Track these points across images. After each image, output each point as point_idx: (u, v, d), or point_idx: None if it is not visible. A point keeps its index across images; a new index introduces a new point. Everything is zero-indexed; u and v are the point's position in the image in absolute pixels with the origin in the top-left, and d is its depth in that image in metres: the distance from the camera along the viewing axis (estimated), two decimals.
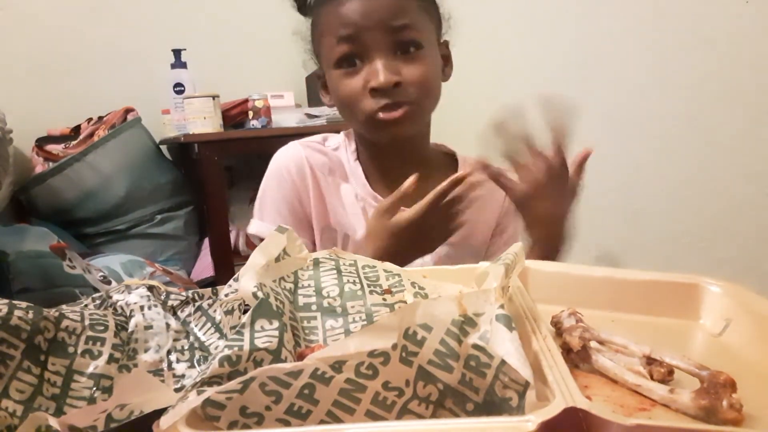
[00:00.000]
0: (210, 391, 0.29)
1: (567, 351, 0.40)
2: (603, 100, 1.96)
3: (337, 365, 0.31)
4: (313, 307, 0.44)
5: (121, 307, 0.47)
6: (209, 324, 0.47)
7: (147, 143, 1.85)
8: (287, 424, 0.31)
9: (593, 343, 0.39)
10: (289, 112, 1.84)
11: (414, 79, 0.74)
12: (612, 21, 1.95)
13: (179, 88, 1.77)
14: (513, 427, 0.27)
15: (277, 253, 0.47)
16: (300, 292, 0.46)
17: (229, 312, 0.42)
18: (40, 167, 1.75)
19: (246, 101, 1.77)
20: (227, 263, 1.68)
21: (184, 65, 1.79)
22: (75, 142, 1.76)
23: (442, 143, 0.91)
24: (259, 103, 1.74)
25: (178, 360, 0.45)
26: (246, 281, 0.39)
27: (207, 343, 0.45)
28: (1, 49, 1.83)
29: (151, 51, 1.92)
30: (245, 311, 0.40)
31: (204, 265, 1.82)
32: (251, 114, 1.75)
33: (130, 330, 0.45)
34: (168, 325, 0.46)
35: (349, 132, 0.88)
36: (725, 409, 0.31)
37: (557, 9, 1.96)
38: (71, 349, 0.42)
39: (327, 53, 0.77)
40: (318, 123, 1.72)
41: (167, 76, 1.78)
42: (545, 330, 0.38)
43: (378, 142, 0.81)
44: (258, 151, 1.81)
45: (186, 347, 0.46)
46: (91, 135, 1.76)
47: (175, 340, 0.46)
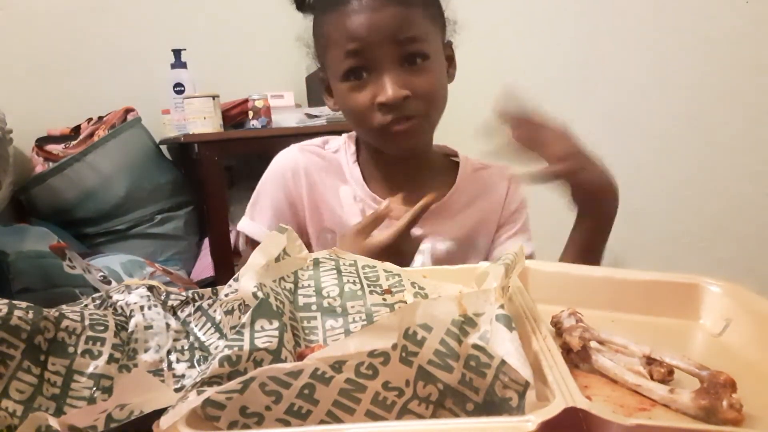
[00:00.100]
0: (210, 391, 0.29)
1: (567, 351, 0.40)
2: (603, 100, 1.96)
3: (337, 365, 0.31)
4: (313, 307, 0.44)
5: (121, 307, 0.47)
6: (209, 324, 0.47)
7: (147, 143, 1.85)
8: (287, 424, 0.31)
9: (593, 343, 0.39)
10: (289, 112, 1.84)
11: (422, 92, 0.73)
12: (612, 21, 1.95)
13: (179, 88, 1.77)
14: (513, 427, 0.27)
15: (277, 253, 0.47)
16: (300, 292, 0.46)
17: (229, 312, 0.42)
18: (40, 167, 1.75)
19: (246, 101, 1.77)
20: (227, 263, 1.68)
21: (184, 65, 1.79)
22: (75, 142, 1.76)
23: (443, 144, 0.90)
24: (259, 103, 1.74)
25: (178, 360, 0.45)
26: (246, 281, 0.39)
27: (207, 343, 0.45)
28: (1, 49, 1.82)
29: (151, 51, 1.92)
30: (245, 311, 0.40)
31: (204, 265, 1.82)
32: (251, 114, 1.75)
33: (130, 330, 0.45)
34: (168, 325, 0.46)
35: (351, 135, 0.88)
36: (725, 409, 0.31)
37: (557, 9, 1.96)
38: (71, 349, 0.42)
39: (333, 65, 0.76)
40: (318, 123, 1.72)
41: (167, 76, 1.78)
42: (545, 330, 0.38)
43: (387, 152, 0.81)
44: (258, 151, 1.81)
45: (186, 347, 0.46)
46: (91, 135, 1.76)
47: (175, 340, 0.46)
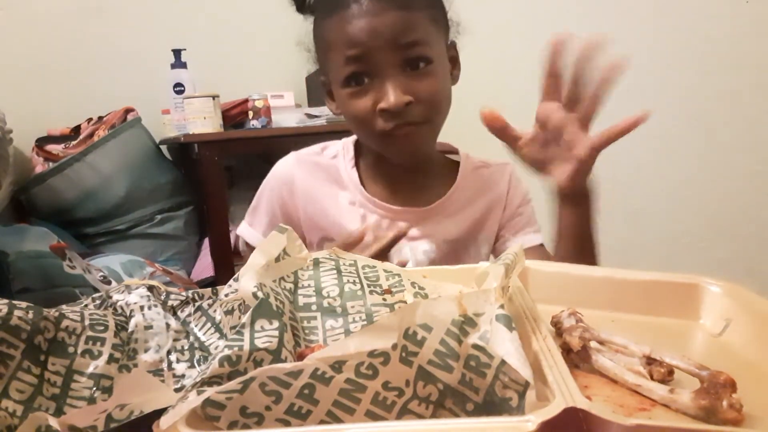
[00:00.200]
0: (210, 391, 0.29)
1: (567, 351, 0.40)
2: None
3: (337, 365, 0.31)
4: (313, 307, 0.44)
5: (121, 307, 0.47)
6: (209, 324, 0.47)
7: (147, 143, 1.85)
8: (287, 424, 0.31)
9: (593, 343, 0.39)
10: (289, 112, 1.84)
11: (425, 97, 0.72)
12: (612, 21, 1.95)
13: (179, 88, 1.77)
14: (513, 427, 0.27)
15: (277, 253, 0.47)
16: (300, 292, 0.46)
17: (229, 312, 0.42)
18: (40, 167, 1.74)
19: (246, 101, 1.77)
20: (227, 263, 1.68)
21: (184, 65, 1.79)
22: (75, 142, 1.76)
23: (445, 142, 0.90)
24: (259, 103, 1.74)
25: (178, 360, 0.45)
26: (246, 281, 0.39)
27: (207, 343, 0.45)
28: (1, 49, 1.82)
29: (151, 51, 1.92)
30: (245, 311, 0.40)
31: (204, 265, 1.82)
32: (251, 114, 1.75)
33: (130, 330, 0.45)
34: (168, 325, 0.46)
35: (349, 140, 0.88)
36: (725, 409, 0.31)
37: (558, 9, 1.96)
38: (71, 349, 0.42)
39: (334, 70, 0.75)
40: (318, 123, 1.72)
41: (167, 76, 1.78)
42: (545, 330, 0.38)
43: (390, 158, 0.80)
44: (258, 151, 1.82)
45: (186, 347, 0.46)
46: (91, 135, 1.76)
47: (175, 340, 0.46)
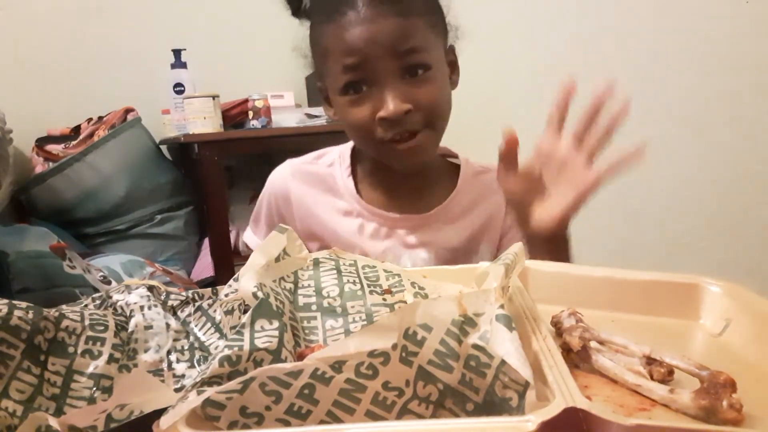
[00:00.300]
0: (210, 391, 0.30)
1: (567, 351, 0.40)
2: None
3: (337, 365, 0.31)
4: (313, 307, 0.44)
5: (121, 307, 0.47)
6: (209, 324, 0.47)
7: (147, 143, 1.85)
8: (287, 424, 0.31)
9: (593, 343, 0.39)
10: (289, 112, 1.84)
11: (424, 104, 0.71)
12: (612, 21, 1.95)
13: (179, 88, 1.77)
14: (513, 427, 0.27)
15: (277, 253, 0.47)
16: (300, 292, 0.46)
17: (229, 312, 0.42)
18: (40, 167, 1.74)
19: (246, 101, 1.77)
20: (227, 263, 1.68)
21: (184, 65, 1.78)
22: (75, 142, 1.76)
23: (444, 146, 0.89)
24: (259, 103, 1.74)
25: (178, 360, 0.45)
26: (246, 281, 0.39)
27: (207, 343, 0.45)
28: (1, 49, 1.82)
29: (151, 51, 1.92)
30: (245, 311, 0.40)
31: (204, 265, 1.82)
32: (251, 114, 1.75)
33: (130, 330, 0.45)
34: (168, 325, 0.46)
35: (345, 147, 0.87)
36: (725, 409, 0.31)
37: (557, 9, 1.96)
38: (71, 349, 0.42)
39: (331, 78, 0.74)
40: (318, 123, 1.72)
41: (167, 76, 1.78)
42: (545, 330, 0.38)
43: (391, 166, 0.79)
44: (258, 151, 1.82)
45: (186, 347, 0.46)
46: (91, 135, 1.76)
47: (175, 340, 0.46)
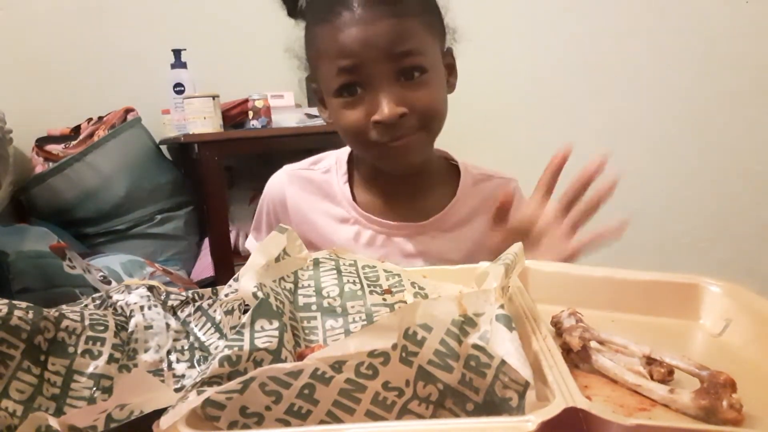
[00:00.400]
0: (210, 391, 0.30)
1: (567, 351, 0.40)
2: (603, 100, 1.97)
3: (337, 365, 0.31)
4: (313, 307, 0.44)
5: (121, 307, 0.47)
6: (209, 324, 0.47)
7: (147, 143, 1.85)
8: (287, 424, 0.31)
9: (593, 343, 0.39)
10: (289, 112, 1.84)
11: (420, 108, 0.70)
12: (612, 21, 1.95)
13: (179, 88, 1.77)
14: (513, 427, 0.27)
15: (277, 253, 0.47)
16: (300, 292, 0.46)
17: (229, 312, 0.42)
18: (40, 167, 1.74)
19: (246, 101, 1.77)
20: (227, 263, 1.68)
21: (184, 65, 1.78)
22: (75, 142, 1.76)
23: (443, 150, 0.87)
24: (259, 103, 1.74)
25: (178, 360, 0.45)
26: (246, 281, 0.39)
27: (207, 343, 0.45)
28: (1, 49, 1.82)
29: (151, 51, 1.92)
30: (245, 311, 0.40)
31: (204, 265, 1.82)
32: (251, 114, 1.75)
33: (130, 330, 0.45)
34: (168, 325, 0.46)
35: (341, 153, 0.86)
36: (725, 409, 0.31)
37: (557, 9, 1.96)
38: (71, 349, 0.42)
39: (326, 80, 0.73)
40: (318, 123, 1.72)
41: (167, 76, 1.78)
42: (545, 330, 0.38)
43: (385, 170, 0.78)
44: (258, 151, 1.82)
45: (186, 347, 0.46)
46: (91, 135, 1.76)
47: (175, 340, 0.46)
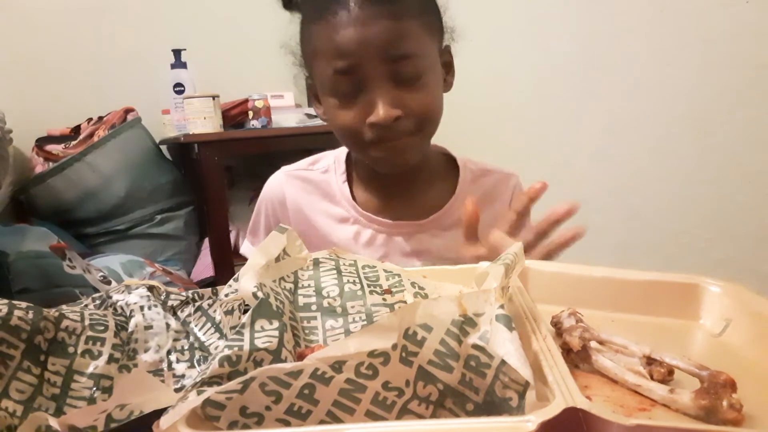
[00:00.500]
0: (210, 391, 0.30)
1: (567, 351, 0.40)
2: (603, 100, 1.96)
3: (337, 365, 0.31)
4: (313, 307, 0.44)
5: (121, 307, 0.47)
6: (209, 324, 0.47)
7: (147, 143, 1.85)
8: (287, 424, 0.31)
9: (593, 343, 0.39)
10: (289, 112, 1.85)
11: (415, 110, 0.69)
12: (612, 21, 1.95)
13: (179, 88, 1.77)
14: (513, 427, 0.27)
15: (277, 253, 0.47)
16: (300, 292, 0.46)
17: (229, 312, 0.42)
18: (40, 167, 1.75)
19: (246, 101, 1.77)
20: (227, 263, 1.68)
21: (184, 65, 1.79)
22: (75, 142, 1.76)
23: (441, 146, 0.87)
24: (259, 103, 1.74)
25: (178, 360, 0.45)
26: (246, 281, 0.39)
27: (207, 343, 0.45)
28: (1, 49, 1.82)
29: (151, 51, 1.92)
30: (245, 311, 0.40)
31: (204, 265, 1.82)
32: (251, 114, 1.75)
33: (130, 330, 0.45)
34: (168, 325, 0.46)
35: (340, 152, 0.86)
36: (725, 409, 0.31)
37: (557, 9, 1.96)
38: (71, 349, 0.42)
39: (321, 78, 0.73)
40: (318, 123, 1.72)
41: (167, 76, 1.78)
42: (545, 330, 0.38)
43: (379, 169, 0.78)
44: (258, 151, 1.82)
45: (186, 347, 0.46)
46: (91, 135, 1.76)
47: (175, 340, 0.46)
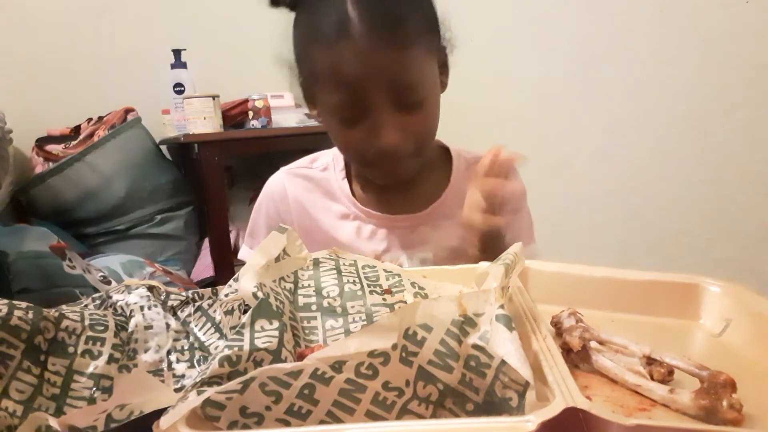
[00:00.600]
0: (210, 391, 0.30)
1: (567, 351, 0.40)
2: (603, 100, 1.96)
3: (337, 365, 0.31)
4: (313, 307, 0.44)
5: (121, 307, 0.47)
6: (209, 324, 0.47)
7: (147, 143, 1.85)
8: (287, 424, 0.31)
9: (593, 343, 0.39)
10: (289, 112, 1.84)
11: (417, 134, 0.70)
12: (612, 21, 1.95)
13: (179, 88, 1.77)
14: (513, 427, 0.27)
15: (277, 253, 0.47)
16: (300, 292, 0.46)
17: (229, 312, 0.42)
18: (40, 167, 1.74)
19: (246, 101, 1.77)
20: (227, 263, 1.68)
21: (184, 65, 1.78)
22: (75, 142, 1.76)
23: (437, 139, 0.89)
24: (259, 103, 1.74)
25: (178, 360, 0.45)
26: (246, 281, 0.39)
27: (207, 343, 0.45)
28: (1, 49, 1.82)
29: (151, 51, 1.92)
30: (245, 311, 0.40)
31: (204, 265, 1.82)
32: (251, 114, 1.75)
33: (130, 330, 0.45)
34: (168, 325, 0.46)
35: (337, 152, 0.86)
36: (725, 409, 0.31)
37: (558, 9, 1.96)
38: (71, 349, 0.42)
39: (322, 98, 0.73)
40: (318, 122, 1.72)
41: (167, 76, 1.78)
42: (545, 330, 0.38)
43: (375, 181, 0.80)
44: (258, 151, 1.82)
45: (186, 347, 0.46)
46: (91, 135, 1.76)
47: (175, 340, 0.46)
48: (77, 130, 1.82)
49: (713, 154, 1.96)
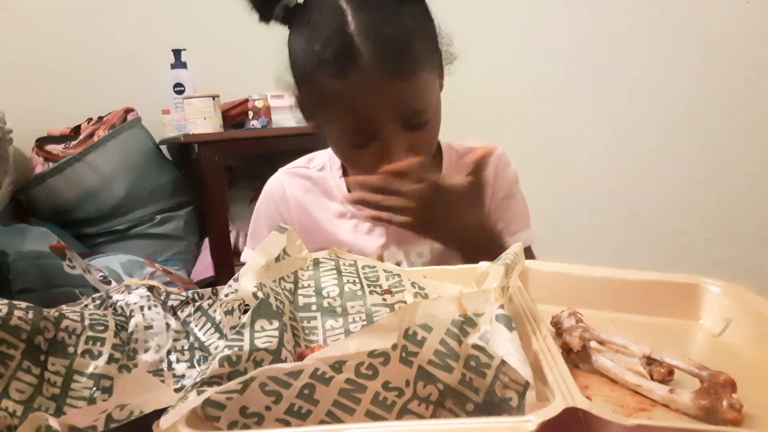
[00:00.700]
0: (210, 391, 0.30)
1: (567, 351, 0.40)
2: (603, 100, 1.97)
3: (337, 365, 0.31)
4: (313, 307, 0.44)
5: (121, 307, 0.47)
6: (209, 324, 0.47)
7: (147, 143, 1.85)
8: (287, 424, 0.31)
9: (593, 343, 0.39)
10: (289, 112, 1.83)
11: (422, 149, 0.72)
12: (612, 21, 1.95)
13: (179, 88, 1.77)
14: (513, 427, 0.27)
15: (277, 253, 0.47)
16: (300, 292, 0.46)
17: (229, 312, 0.42)
18: (40, 167, 1.74)
19: (246, 101, 1.77)
20: (227, 263, 1.68)
21: (184, 65, 1.78)
22: (75, 142, 1.76)
23: None
24: (259, 103, 1.74)
25: (178, 360, 0.45)
26: (246, 281, 0.39)
27: (207, 343, 0.45)
28: (1, 49, 1.82)
29: (151, 51, 1.91)
30: (245, 311, 0.40)
31: (204, 265, 1.82)
32: (251, 114, 1.75)
33: (130, 330, 0.45)
34: (168, 325, 0.46)
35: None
36: (725, 409, 0.31)
37: (558, 9, 1.96)
38: (71, 349, 0.42)
39: (327, 121, 0.74)
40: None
41: (167, 76, 1.78)
42: (545, 330, 0.38)
43: None
44: (258, 151, 1.82)
45: (186, 347, 0.46)
46: (91, 135, 1.76)
47: (175, 340, 0.46)
48: (77, 130, 1.82)
49: (713, 154, 1.97)
